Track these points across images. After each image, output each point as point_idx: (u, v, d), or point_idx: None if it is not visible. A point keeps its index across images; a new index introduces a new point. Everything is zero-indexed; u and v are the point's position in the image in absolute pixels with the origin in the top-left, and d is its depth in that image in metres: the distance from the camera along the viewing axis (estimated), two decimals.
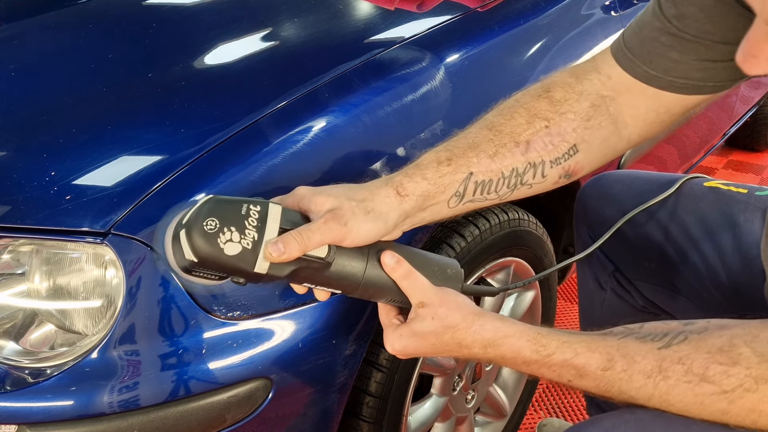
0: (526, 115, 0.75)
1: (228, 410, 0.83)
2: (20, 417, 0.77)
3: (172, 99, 0.98)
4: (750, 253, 0.92)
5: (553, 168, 0.76)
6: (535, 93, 0.77)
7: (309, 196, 0.68)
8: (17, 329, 0.82)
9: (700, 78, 0.72)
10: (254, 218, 0.63)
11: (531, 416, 1.61)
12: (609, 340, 0.64)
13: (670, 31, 0.70)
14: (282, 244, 0.62)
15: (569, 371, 0.65)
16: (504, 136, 0.74)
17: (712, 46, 0.69)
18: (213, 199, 0.63)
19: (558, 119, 0.75)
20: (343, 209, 0.66)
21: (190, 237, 0.61)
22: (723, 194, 0.98)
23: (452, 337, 0.67)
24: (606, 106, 0.77)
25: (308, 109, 0.92)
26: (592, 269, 1.12)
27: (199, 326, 0.81)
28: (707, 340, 0.60)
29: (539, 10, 1.26)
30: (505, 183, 0.74)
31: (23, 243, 0.81)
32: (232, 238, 0.61)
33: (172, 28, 1.26)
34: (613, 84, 0.76)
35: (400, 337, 0.69)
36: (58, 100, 1.01)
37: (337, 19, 1.24)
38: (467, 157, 0.72)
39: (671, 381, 0.60)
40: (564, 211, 1.44)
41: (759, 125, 2.95)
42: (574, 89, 0.77)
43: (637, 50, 0.74)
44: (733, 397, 0.57)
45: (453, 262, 0.75)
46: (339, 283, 0.68)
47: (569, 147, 0.76)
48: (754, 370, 0.57)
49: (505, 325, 0.67)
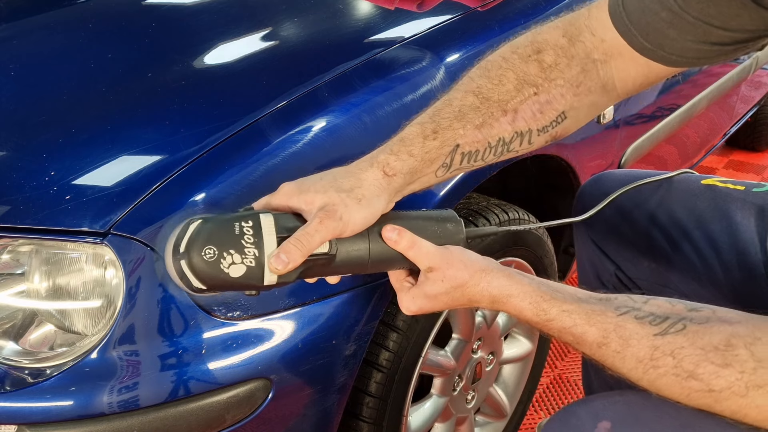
0: (514, 80, 0.72)
1: (228, 410, 0.83)
2: (20, 417, 0.77)
3: (171, 99, 0.98)
4: (747, 251, 0.91)
5: (540, 135, 0.75)
6: (524, 53, 0.74)
7: (296, 194, 0.68)
8: (17, 329, 0.82)
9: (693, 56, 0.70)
10: (249, 234, 0.63)
11: (531, 416, 1.61)
12: (608, 314, 0.64)
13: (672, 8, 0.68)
14: (284, 254, 0.62)
15: (568, 337, 0.66)
16: (491, 104, 0.72)
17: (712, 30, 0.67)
18: (203, 224, 0.63)
19: (547, 86, 0.73)
20: (335, 204, 0.65)
21: (192, 268, 0.62)
22: (719, 192, 0.98)
23: (462, 293, 0.69)
24: (597, 70, 0.75)
25: (308, 109, 0.92)
26: (594, 269, 1.12)
27: (199, 326, 0.81)
28: (705, 335, 0.59)
29: (539, 9, 1.26)
30: (491, 152, 0.73)
31: (23, 243, 0.81)
32: (234, 261, 0.62)
33: (172, 27, 1.26)
34: (606, 47, 0.74)
35: (413, 298, 0.71)
36: (58, 99, 1.01)
37: (337, 19, 1.24)
38: (453, 129, 0.71)
39: (660, 370, 0.60)
40: (564, 211, 1.44)
41: (759, 125, 2.95)
42: (566, 53, 0.74)
43: (636, 18, 0.71)
44: (719, 397, 0.57)
45: (451, 214, 0.75)
46: (347, 269, 0.70)
47: (557, 114, 0.74)
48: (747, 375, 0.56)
49: (511, 283, 0.68)
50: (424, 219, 0.73)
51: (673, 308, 0.63)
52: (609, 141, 1.46)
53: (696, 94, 1.87)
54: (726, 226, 0.94)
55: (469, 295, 0.69)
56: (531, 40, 0.75)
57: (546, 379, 1.73)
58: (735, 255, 0.92)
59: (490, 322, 1.25)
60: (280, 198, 0.69)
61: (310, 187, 0.67)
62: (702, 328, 0.60)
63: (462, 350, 1.19)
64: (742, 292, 0.92)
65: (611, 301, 0.66)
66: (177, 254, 0.63)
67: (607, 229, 1.06)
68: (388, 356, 1.00)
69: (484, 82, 0.73)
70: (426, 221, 0.73)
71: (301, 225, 0.65)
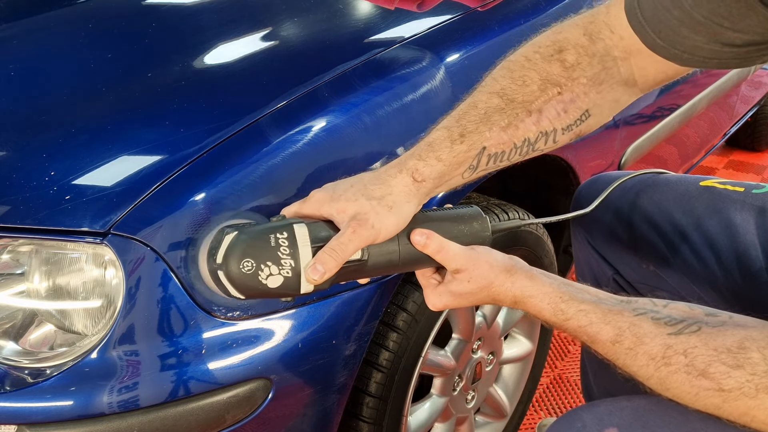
0: (538, 80, 0.73)
1: (228, 410, 0.83)
2: (20, 417, 0.77)
3: (171, 98, 0.98)
4: (748, 253, 0.91)
5: (565, 134, 0.76)
6: (546, 53, 0.75)
7: (328, 202, 0.69)
8: (17, 329, 0.82)
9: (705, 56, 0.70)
10: (285, 246, 0.65)
11: (531, 416, 1.61)
12: (625, 314, 0.66)
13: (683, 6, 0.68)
14: (320, 264, 0.65)
15: (583, 336, 0.67)
16: (516, 105, 0.73)
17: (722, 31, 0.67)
18: (239, 236, 0.66)
19: (571, 85, 0.74)
20: (366, 212, 0.67)
21: (231, 279, 0.65)
22: (718, 193, 0.97)
23: (488, 293, 0.72)
24: (617, 67, 0.76)
25: (308, 109, 0.92)
26: (593, 273, 1.12)
27: (199, 326, 0.81)
28: (718, 337, 0.60)
29: (539, 9, 1.26)
30: (517, 152, 0.75)
31: (23, 243, 0.81)
32: (272, 272, 0.65)
33: (172, 27, 1.26)
34: (625, 45, 0.74)
35: (439, 295, 0.74)
36: (58, 99, 1.01)
37: (337, 19, 1.24)
38: (480, 132, 0.72)
39: (672, 368, 0.60)
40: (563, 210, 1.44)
41: (760, 125, 2.95)
42: (587, 51, 0.75)
43: (650, 15, 0.71)
44: (728, 397, 0.57)
45: (476, 212, 0.77)
46: (378, 272, 0.72)
47: (581, 113, 0.76)
48: (758, 377, 0.56)
49: (532, 284, 0.71)
50: (451, 220, 0.75)
51: (691, 312, 0.64)
52: (609, 141, 1.46)
53: (696, 94, 1.87)
54: (725, 228, 0.93)
55: (493, 294, 0.72)
56: (552, 39, 0.76)
57: (546, 379, 1.73)
58: (735, 257, 0.92)
59: (490, 322, 1.25)
60: (312, 206, 0.70)
61: (342, 195, 0.69)
62: (716, 330, 0.60)
63: (462, 350, 1.19)
64: (743, 294, 0.91)
65: (631, 302, 0.67)
66: (213, 263, 0.66)
67: (605, 233, 1.06)
68: (388, 356, 1.00)
69: (507, 83, 0.74)
70: (453, 222, 0.75)
71: (333, 234, 0.67)
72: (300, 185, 0.86)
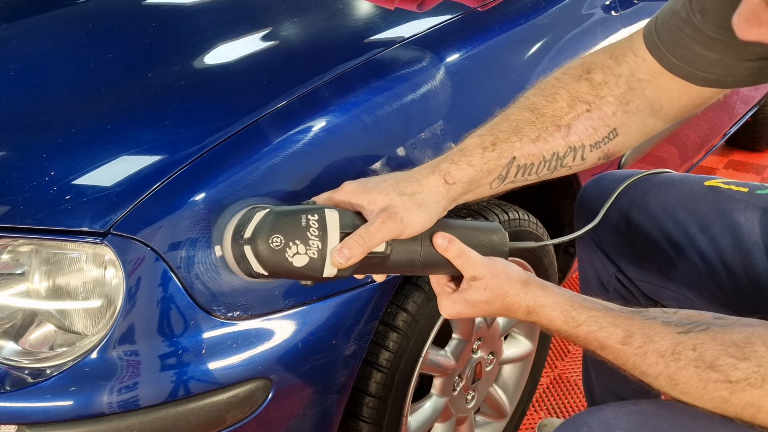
0: (567, 97, 0.77)
1: (228, 410, 0.83)
2: (20, 417, 0.77)
3: (171, 99, 0.98)
4: (751, 254, 0.91)
5: (593, 151, 0.78)
6: (575, 74, 0.78)
7: (360, 193, 0.71)
8: (17, 329, 0.82)
9: (720, 73, 0.73)
10: (315, 228, 0.67)
11: (531, 416, 1.61)
12: (635, 318, 0.67)
13: (693, 23, 0.71)
14: (347, 249, 0.66)
15: (593, 342, 0.68)
16: (546, 119, 0.76)
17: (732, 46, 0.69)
18: (272, 213, 0.67)
19: (599, 103, 0.77)
20: (396, 206, 0.69)
21: (257, 253, 0.66)
22: (722, 193, 0.98)
23: (502, 303, 0.73)
24: (642, 89, 0.78)
25: (308, 109, 0.92)
26: (595, 270, 1.12)
27: (199, 326, 0.81)
28: (726, 334, 0.61)
29: (539, 9, 1.26)
30: (545, 166, 0.77)
31: (23, 243, 0.81)
32: (299, 251, 0.66)
33: (172, 27, 1.26)
34: (647, 67, 0.77)
35: (453, 303, 0.74)
36: (58, 99, 1.01)
37: (337, 19, 1.24)
38: (510, 141, 0.75)
39: (681, 363, 0.62)
40: (564, 211, 1.44)
41: (760, 125, 2.94)
42: (613, 71, 0.78)
43: (665, 37, 0.75)
44: (735, 388, 0.59)
45: (497, 227, 0.79)
46: (398, 269, 0.73)
47: (609, 131, 0.78)
48: (764, 369, 0.58)
49: (545, 294, 0.72)
50: (473, 229, 0.77)
51: (700, 317, 0.66)
52: None
53: None
54: (729, 228, 0.94)
55: (507, 304, 0.72)
56: (581, 62, 0.80)
57: (546, 379, 1.73)
58: (739, 258, 0.92)
59: (490, 322, 1.25)
60: (344, 194, 0.72)
61: (374, 187, 0.71)
62: (724, 329, 0.62)
63: (462, 350, 1.19)
64: (746, 294, 0.92)
65: (641, 311, 0.69)
66: (240, 239, 0.67)
67: (609, 230, 1.06)
68: (388, 356, 1.00)
69: (538, 99, 0.77)
70: (474, 231, 0.77)
71: (362, 224, 0.69)
72: (300, 185, 0.86)
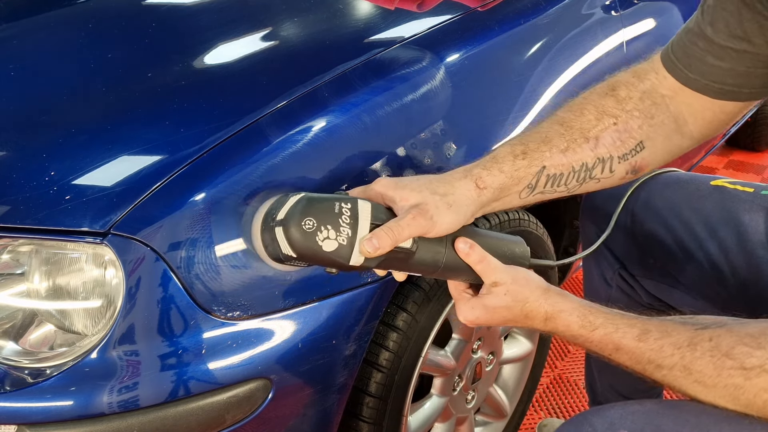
0: (594, 112, 0.80)
1: (228, 410, 0.83)
2: (20, 417, 0.77)
3: (171, 98, 0.98)
4: (756, 253, 0.92)
5: (621, 164, 0.80)
6: (601, 91, 0.82)
7: (393, 189, 0.73)
8: (17, 329, 0.82)
9: (734, 84, 0.76)
10: (347, 216, 0.69)
11: (531, 416, 1.61)
12: (652, 319, 0.69)
13: (706, 36, 0.75)
14: (376, 239, 0.68)
15: (608, 345, 0.69)
16: (574, 132, 0.78)
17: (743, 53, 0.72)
18: (306, 198, 0.69)
19: (625, 116, 0.80)
20: (428, 204, 0.70)
21: (289, 234, 0.67)
22: (728, 193, 0.99)
23: (521, 309, 0.74)
24: (666, 104, 0.81)
25: (308, 109, 0.92)
26: (599, 266, 1.13)
27: (199, 326, 0.81)
28: (742, 328, 0.63)
29: (539, 9, 1.26)
30: (574, 177, 0.79)
31: (23, 243, 0.81)
32: (329, 236, 0.68)
33: (172, 27, 1.26)
34: (668, 84, 0.81)
35: (472, 308, 0.75)
36: (58, 99, 1.01)
37: (337, 19, 1.24)
38: (540, 151, 0.77)
39: (697, 353, 0.63)
40: (564, 211, 1.44)
41: (760, 125, 2.94)
42: (637, 88, 0.81)
43: (680, 53, 0.79)
44: (750, 374, 0.60)
45: (520, 240, 0.81)
46: (420, 269, 0.74)
47: (636, 143, 0.80)
48: None
49: (563, 300, 0.73)
50: (495, 239, 0.78)
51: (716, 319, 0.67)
52: None
53: None
54: (734, 228, 0.95)
55: (526, 310, 0.73)
56: (606, 82, 0.84)
57: (546, 379, 1.73)
58: (744, 257, 0.93)
59: None
60: (377, 188, 0.74)
61: (407, 184, 0.73)
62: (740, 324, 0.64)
63: (462, 350, 1.19)
64: (750, 293, 0.92)
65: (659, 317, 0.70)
66: (271, 221, 0.69)
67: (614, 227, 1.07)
68: (388, 356, 1.00)
69: (567, 114, 0.81)
70: (497, 241, 0.78)
71: (392, 218, 0.70)
72: (300, 185, 0.86)
